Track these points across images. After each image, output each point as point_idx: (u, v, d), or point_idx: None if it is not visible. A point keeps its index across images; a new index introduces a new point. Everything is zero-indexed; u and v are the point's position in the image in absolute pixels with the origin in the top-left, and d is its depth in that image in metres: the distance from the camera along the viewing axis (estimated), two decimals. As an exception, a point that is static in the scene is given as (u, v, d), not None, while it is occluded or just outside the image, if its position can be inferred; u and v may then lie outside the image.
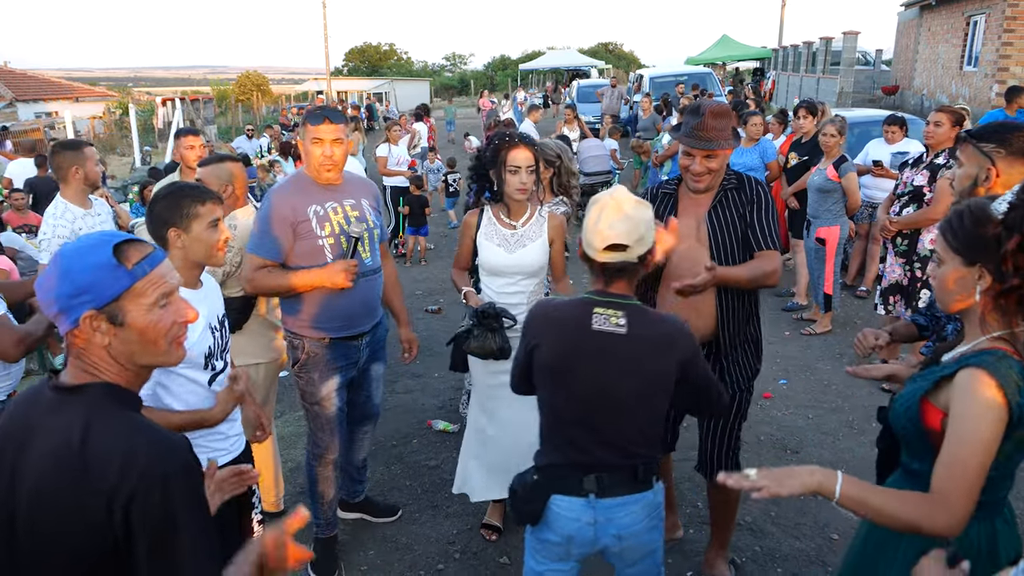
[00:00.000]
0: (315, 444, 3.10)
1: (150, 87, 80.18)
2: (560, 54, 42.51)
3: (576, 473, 2.00)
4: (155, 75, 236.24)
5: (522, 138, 3.06)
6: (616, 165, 10.54)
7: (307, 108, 3.28)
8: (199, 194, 2.21)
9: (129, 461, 1.24)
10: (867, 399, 4.78)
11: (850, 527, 3.44)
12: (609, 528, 2.00)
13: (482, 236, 3.11)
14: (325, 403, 3.01)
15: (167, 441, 1.32)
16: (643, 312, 1.99)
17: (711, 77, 19.61)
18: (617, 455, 2.00)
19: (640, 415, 2.00)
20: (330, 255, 2.87)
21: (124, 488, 1.22)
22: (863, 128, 7.94)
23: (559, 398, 2.03)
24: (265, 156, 13.16)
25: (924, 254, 4.60)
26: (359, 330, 3.03)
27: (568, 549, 2.05)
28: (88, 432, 1.26)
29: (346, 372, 3.05)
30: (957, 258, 1.61)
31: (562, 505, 2.00)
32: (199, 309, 2.16)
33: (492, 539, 3.41)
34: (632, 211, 1.92)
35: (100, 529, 1.24)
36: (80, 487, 1.24)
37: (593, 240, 1.93)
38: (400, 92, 38.54)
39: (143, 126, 21.96)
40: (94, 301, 1.31)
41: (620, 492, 1.99)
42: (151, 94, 38.55)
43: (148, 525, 1.24)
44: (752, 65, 30.80)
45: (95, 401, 1.31)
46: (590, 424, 1.99)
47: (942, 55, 17.33)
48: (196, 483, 1.34)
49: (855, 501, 1.55)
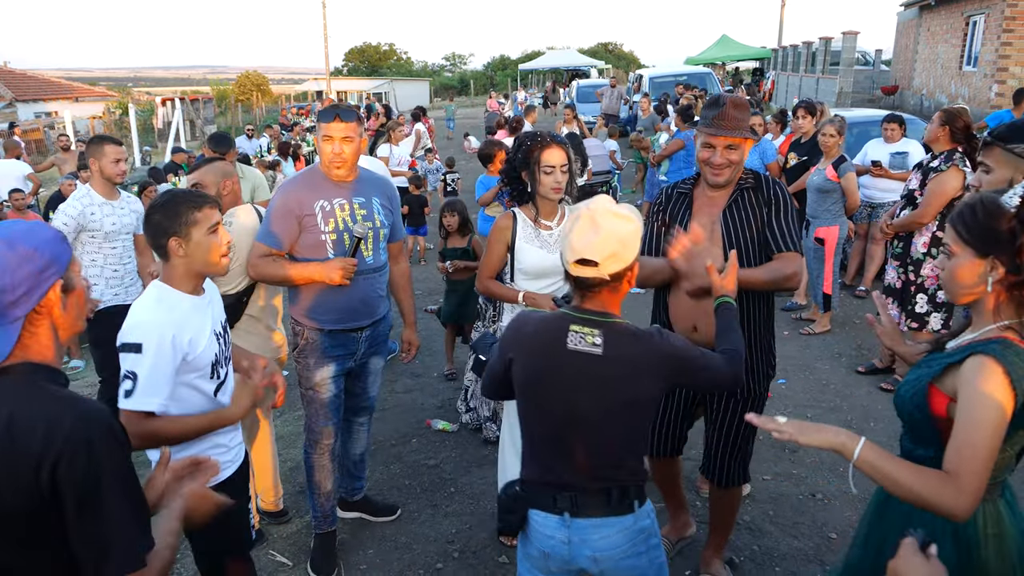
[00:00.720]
0: (310, 430, 3.16)
1: (150, 87, 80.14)
2: (560, 54, 42.52)
3: (550, 490, 1.95)
4: (155, 75, 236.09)
5: (554, 138, 3.04)
6: (615, 166, 10.55)
7: (319, 106, 3.32)
8: (196, 199, 2.16)
9: (53, 428, 1.32)
10: (866, 399, 4.79)
11: (848, 527, 3.45)
12: (583, 549, 1.93)
13: (521, 240, 3.07)
14: (320, 388, 3.07)
15: (91, 407, 1.40)
16: (621, 331, 1.89)
17: (711, 77, 19.61)
18: (589, 477, 1.92)
19: (614, 438, 1.92)
20: (331, 251, 2.93)
21: (50, 453, 1.31)
22: (862, 128, 7.94)
23: (531, 415, 2.00)
24: (266, 156, 13.18)
25: (917, 257, 4.61)
26: (356, 324, 3.08)
27: (547, 564, 2.00)
28: (16, 408, 1.35)
29: (343, 362, 3.10)
30: (969, 250, 1.64)
31: (538, 520, 1.97)
32: (203, 317, 2.17)
33: (512, 544, 3.29)
34: (608, 225, 1.81)
35: (29, 494, 1.32)
36: (9, 457, 1.32)
37: (565, 252, 1.86)
38: (400, 92, 38.55)
39: (143, 126, 21.96)
40: (59, 271, 1.42)
41: (594, 514, 1.92)
42: (151, 94, 38.54)
43: (74, 487, 1.32)
44: (752, 65, 30.82)
45: (23, 378, 1.39)
46: (563, 444, 1.92)
47: (941, 55, 17.34)
48: (121, 447, 1.41)
49: (871, 466, 1.60)
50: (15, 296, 1.37)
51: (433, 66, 65.07)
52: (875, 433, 4.34)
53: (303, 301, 3.02)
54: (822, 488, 3.77)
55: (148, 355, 2.00)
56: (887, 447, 4.15)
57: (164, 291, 2.15)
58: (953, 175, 4.38)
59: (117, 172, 4.19)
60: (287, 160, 12.27)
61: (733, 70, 30.78)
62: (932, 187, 4.46)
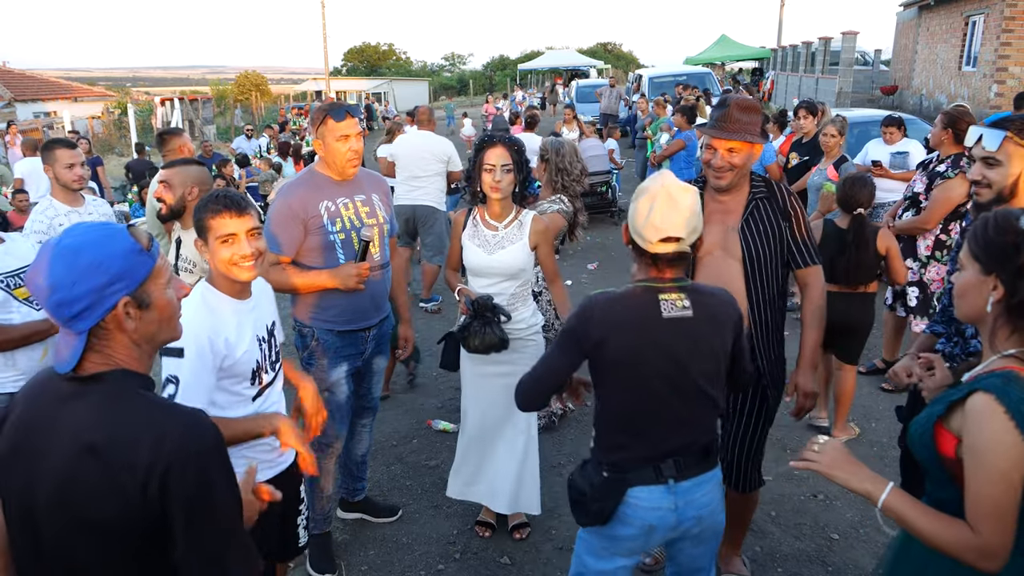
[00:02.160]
0: (323, 434, 3.06)
1: (149, 87, 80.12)
2: (559, 54, 42.50)
3: (652, 462, 1.99)
4: (154, 75, 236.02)
5: (501, 138, 3.07)
6: (615, 166, 10.55)
7: (317, 106, 3.18)
8: (216, 205, 2.09)
9: (160, 439, 1.27)
10: (867, 399, 4.79)
11: (850, 528, 3.45)
12: (688, 510, 2.01)
13: (466, 236, 3.15)
14: (335, 389, 3.05)
15: (198, 420, 1.36)
16: (697, 290, 2.01)
17: (710, 77, 19.61)
18: (691, 437, 2.02)
19: (709, 393, 2.02)
20: (341, 251, 2.92)
21: (159, 465, 1.26)
22: (862, 128, 7.95)
23: (632, 394, 1.99)
24: (265, 156, 13.18)
25: (922, 260, 4.60)
26: (367, 323, 3.07)
27: (648, 540, 2.05)
28: (116, 416, 1.30)
29: (353, 361, 3.09)
30: (976, 265, 1.56)
31: (641, 496, 1.98)
32: (245, 321, 2.14)
33: (486, 535, 3.41)
34: (685, 201, 1.91)
35: (134, 509, 1.27)
36: (110, 470, 1.26)
37: (646, 232, 1.91)
38: (399, 92, 38.54)
39: (141, 126, 21.95)
40: (128, 287, 1.33)
41: (696, 472, 2.01)
42: (150, 94, 38.51)
43: (184, 500, 1.27)
44: (751, 65, 30.82)
45: (117, 387, 1.34)
46: (667, 411, 1.98)
47: (941, 55, 17.35)
48: (226, 457, 1.37)
49: (896, 514, 1.55)
50: (72, 312, 1.30)
51: (432, 66, 65.03)
52: (875, 433, 4.33)
53: (313, 303, 2.97)
54: (824, 489, 3.77)
55: (189, 359, 1.97)
56: (887, 447, 4.14)
57: (207, 292, 2.13)
58: (960, 182, 4.31)
59: (72, 178, 3.82)
60: (286, 160, 12.27)
61: (737, 70, 30.74)
62: (937, 194, 4.41)
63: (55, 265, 1.30)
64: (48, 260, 1.31)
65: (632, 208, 1.98)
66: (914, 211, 4.61)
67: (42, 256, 1.32)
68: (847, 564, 3.21)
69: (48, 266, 1.30)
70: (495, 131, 3.25)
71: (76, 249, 1.31)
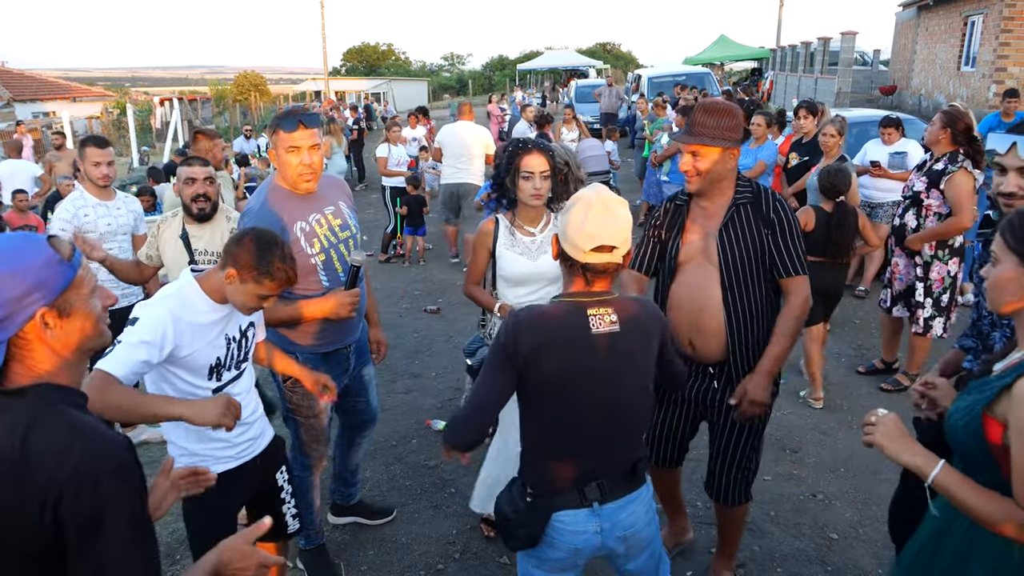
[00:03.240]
0: (306, 456, 3.01)
1: (148, 87, 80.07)
2: (558, 54, 42.48)
3: (576, 486, 1.96)
4: (153, 75, 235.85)
5: (536, 144, 3.00)
6: (612, 166, 10.54)
7: (275, 114, 3.09)
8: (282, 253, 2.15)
9: (63, 459, 1.24)
10: (866, 399, 4.79)
11: (849, 527, 3.45)
12: (614, 531, 1.99)
13: (502, 246, 3.04)
14: (321, 416, 2.97)
15: (104, 440, 1.31)
16: (625, 303, 1.97)
17: (709, 77, 19.62)
18: (619, 456, 2.00)
19: (639, 410, 2.02)
20: (323, 273, 2.78)
21: (55, 486, 1.23)
22: (861, 128, 7.94)
23: (560, 413, 1.94)
24: (264, 156, 13.17)
25: (926, 260, 4.58)
26: (350, 340, 3.00)
27: (574, 560, 2.04)
28: (29, 431, 1.26)
29: (339, 380, 2.94)
30: (1013, 258, 1.59)
31: (565, 520, 1.97)
32: (216, 321, 2.16)
33: (491, 535, 3.40)
34: (620, 211, 1.89)
35: (34, 527, 1.24)
36: (18, 487, 1.24)
37: (579, 241, 1.87)
38: (398, 92, 38.51)
39: (141, 126, 21.93)
40: (45, 297, 1.30)
41: (620, 494, 2.00)
42: (149, 94, 38.49)
43: (76, 523, 1.24)
44: (750, 65, 30.84)
45: (38, 401, 1.31)
46: (595, 430, 1.95)
47: (940, 55, 17.36)
48: (129, 484, 1.31)
49: (947, 491, 1.60)
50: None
51: (431, 66, 65.05)
52: (875, 433, 4.33)
53: (296, 327, 2.79)
54: (823, 488, 3.77)
55: (138, 330, 2.02)
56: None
57: (189, 286, 2.16)
58: (965, 175, 4.34)
59: (98, 176, 3.99)
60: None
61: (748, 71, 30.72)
62: (956, 191, 4.35)
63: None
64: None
65: (564, 218, 1.93)
66: (915, 210, 4.59)
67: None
68: (846, 564, 3.21)
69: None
70: (527, 138, 3.17)
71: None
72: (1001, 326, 2.20)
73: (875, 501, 3.64)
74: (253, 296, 2.13)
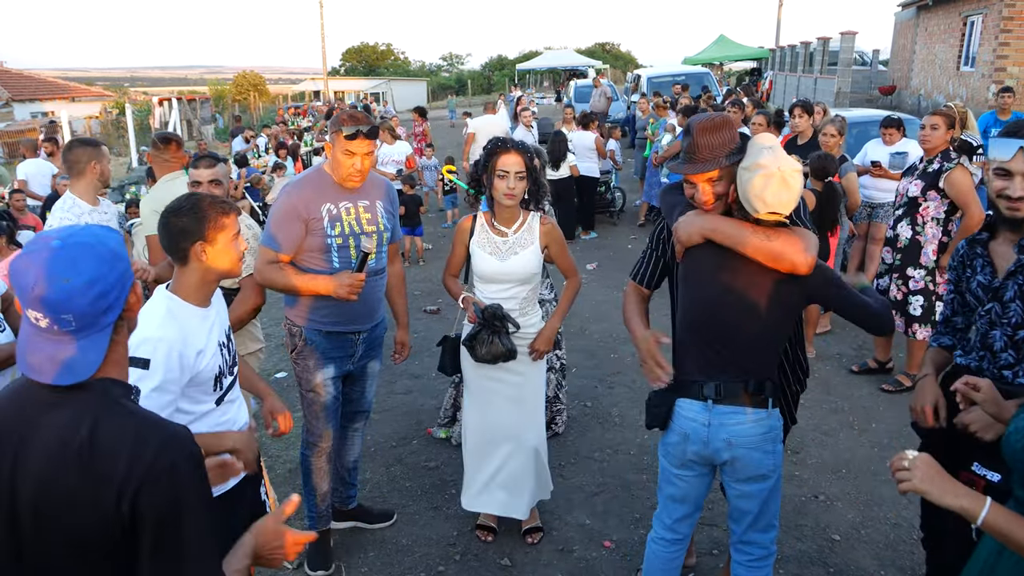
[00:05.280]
0: (309, 432, 3.14)
1: (147, 87, 80.00)
2: (557, 54, 42.44)
3: (699, 381, 2.28)
4: (151, 75, 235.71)
5: (514, 144, 3.02)
6: (615, 166, 10.54)
7: (339, 113, 3.06)
8: (223, 204, 2.11)
9: (138, 453, 1.27)
10: (867, 399, 4.78)
11: (851, 529, 3.44)
12: (720, 432, 2.25)
13: (475, 244, 3.11)
14: (319, 390, 3.05)
15: (173, 432, 1.34)
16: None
17: (709, 77, 19.60)
18: (741, 369, 2.25)
19: (752, 334, 2.24)
20: (336, 255, 2.90)
21: (133, 479, 1.25)
22: (861, 128, 7.94)
23: (697, 313, 2.30)
24: (264, 156, 13.16)
25: (931, 266, 4.58)
26: (356, 328, 3.05)
27: (684, 447, 2.32)
28: (97, 426, 1.28)
29: (341, 364, 3.07)
30: None
31: (683, 406, 2.31)
32: (209, 329, 2.11)
33: (488, 540, 3.40)
34: (795, 183, 2.11)
35: (109, 520, 1.26)
36: (90, 480, 1.26)
37: (756, 204, 2.12)
38: (397, 92, 38.53)
39: (139, 126, 21.90)
40: (132, 276, 1.37)
41: (734, 402, 2.24)
42: (147, 94, 38.44)
43: (155, 513, 1.27)
44: (749, 65, 30.82)
45: (102, 396, 1.32)
46: (712, 338, 2.27)
47: (939, 55, 17.35)
48: (202, 472, 1.36)
49: (997, 531, 1.53)
50: (108, 302, 1.29)
51: (430, 66, 64.99)
52: (876, 433, 4.33)
53: (304, 303, 2.98)
54: (824, 490, 3.76)
55: (156, 372, 1.93)
56: (888, 447, 4.14)
57: (175, 304, 2.07)
58: (963, 171, 4.38)
59: (111, 171, 4.04)
60: (286, 160, 12.25)
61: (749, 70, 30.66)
62: (958, 188, 4.36)
63: (80, 263, 1.26)
64: (66, 262, 1.25)
65: (745, 177, 2.13)
66: (909, 219, 4.58)
67: (54, 258, 1.25)
68: (848, 565, 3.20)
69: (70, 267, 1.25)
70: (505, 137, 3.17)
71: (90, 243, 1.30)
72: (1001, 325, 2.20)
73: (877, 502, 3.63)
74: (229, 245, 2.09)
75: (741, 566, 2.44)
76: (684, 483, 2.41)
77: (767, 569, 2.43)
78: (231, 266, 2.12)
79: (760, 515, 2.36)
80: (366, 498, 3.73)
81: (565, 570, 3.22)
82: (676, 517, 2.48)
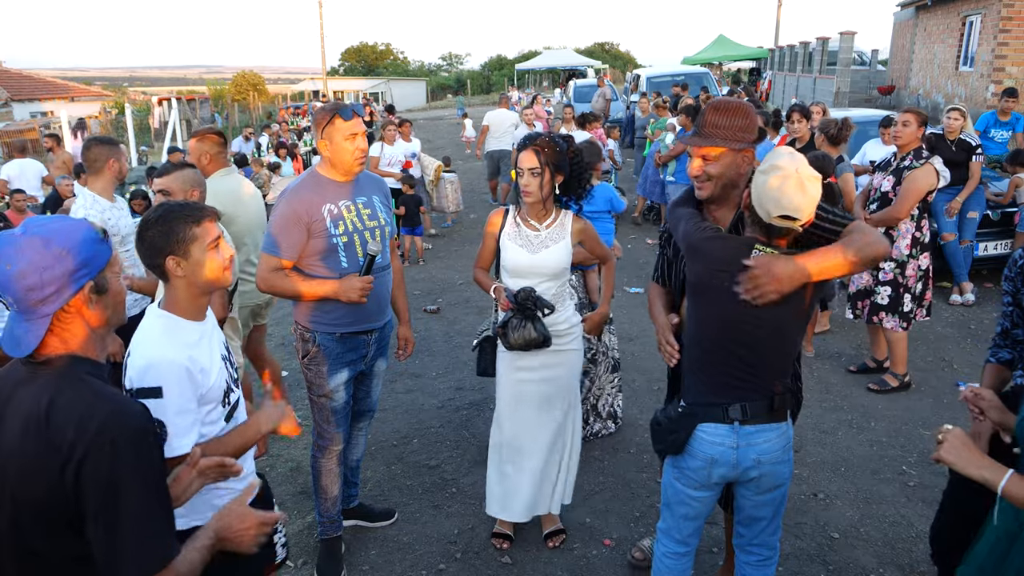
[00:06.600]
0: (320, 436, 3.12)
1: (146, 87, 79.88)
2: (556, 54, 42.45)
3: (722, 402, 2.19)
4: (151, 75, 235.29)
5: (531, 140, 3.03)
6: (615, 165, 10.55)
7: (321, 107, 3.08)
8: (193, 212, 1.91)
9: (84, 424, 1.35)
10: (866, 399, 4.80)
11: (850, 527, 3.46)
12: (750, 453, 2.19)
13: (506, 237, 3.10)
14: (333, 395, 3.03)
15: (124, 406, 1.42)
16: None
17: (708, 77, 19.60)
18: (762, 385, 2.18)
19: (775, 348, 2.17)
20: (343, 254, 2.89)
21: (77, 449, 1.34)
22: (860, 128, 7.93)
23: (705, 322, 2.21)
24: (264, 156, 13.15)
25: (901, 259, 4.69)
26: (370, 326, 3.05)
27: (709, 472, 2.23)
28: (55, 398, 1.38)
29: (355, 366, 3.07)
30: None
31: (707, 431, 2.20)
32: (210, 344, 1.99)
33: (504, 547, 3.35)
34: (812, 188, 2.01)
35: (57, 489, 1.35)
36: (43, 450, 1.36)
37: (769, 206, 2.02)
38: (396, 92, 38.55)
39: (139, 126, 21.92)
40: (91, 272, 1.46)
41: (760, 420, 2.18)
42: (147, 94, 38.46)
43: (95, 486, 1.34)
44: (749, 65, 30.83)
45: (64, 370, 1.43)
46: (735, 352, 2.15)
47: (938, 55, 17.38)
48: (147, 449, 1.41)
49: (1017, 498, 1.61)
50: (43, 295, 1.39)
51: (430, 66, 65.02)
52: (875, 432, 4.35)
53: (316, 305, 2.93)
54: (824, 488, 3.78)
55: (171, 399, 1.83)
56: (887, 446, 4.14)
57: (169, 322, 1.92)
58: (928, 171, 4.57)
59: (127, 169, 4.12)
60: (285, 160, 12.25)
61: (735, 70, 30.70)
62: (907, 185, 4.58)
63: (25, 253, 1.39)
64: (14, 249, 1.40)
65: (761, 180, 2.05)
66: None
67: (7, 243, 1.41)
68: (847, 563, 3.22)
69: (15, 254, 1.39)
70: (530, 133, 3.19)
71: (46, 238, 1.41)
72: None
73: (876, 500, 3.65)
74: (207, 254, 1.91)
75: (750, 566, 2.45)
76: (700, 504, 2.36)
77: (772, 567, 2.45)
78: (215, 276, 1.93)
79: (773, 519, 2.38)
80: (367, 497, 3.75)
81: (565, 568, 3.23)
82: (688, 532, 2.44)
